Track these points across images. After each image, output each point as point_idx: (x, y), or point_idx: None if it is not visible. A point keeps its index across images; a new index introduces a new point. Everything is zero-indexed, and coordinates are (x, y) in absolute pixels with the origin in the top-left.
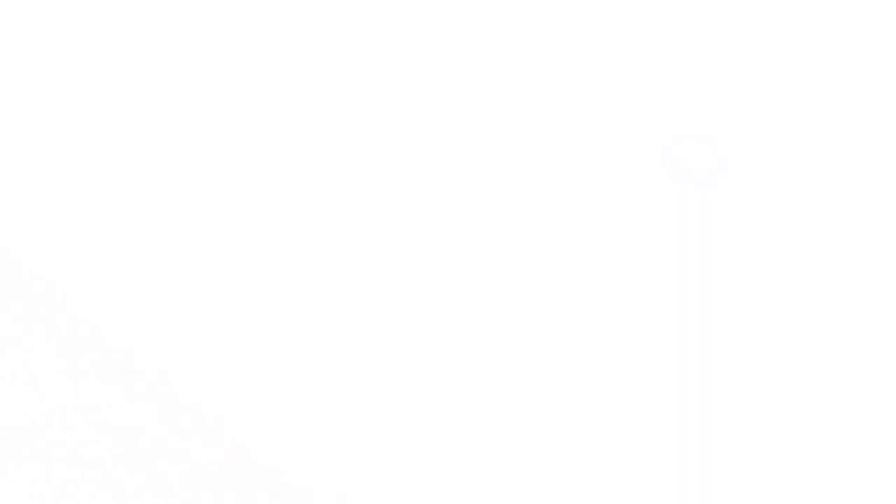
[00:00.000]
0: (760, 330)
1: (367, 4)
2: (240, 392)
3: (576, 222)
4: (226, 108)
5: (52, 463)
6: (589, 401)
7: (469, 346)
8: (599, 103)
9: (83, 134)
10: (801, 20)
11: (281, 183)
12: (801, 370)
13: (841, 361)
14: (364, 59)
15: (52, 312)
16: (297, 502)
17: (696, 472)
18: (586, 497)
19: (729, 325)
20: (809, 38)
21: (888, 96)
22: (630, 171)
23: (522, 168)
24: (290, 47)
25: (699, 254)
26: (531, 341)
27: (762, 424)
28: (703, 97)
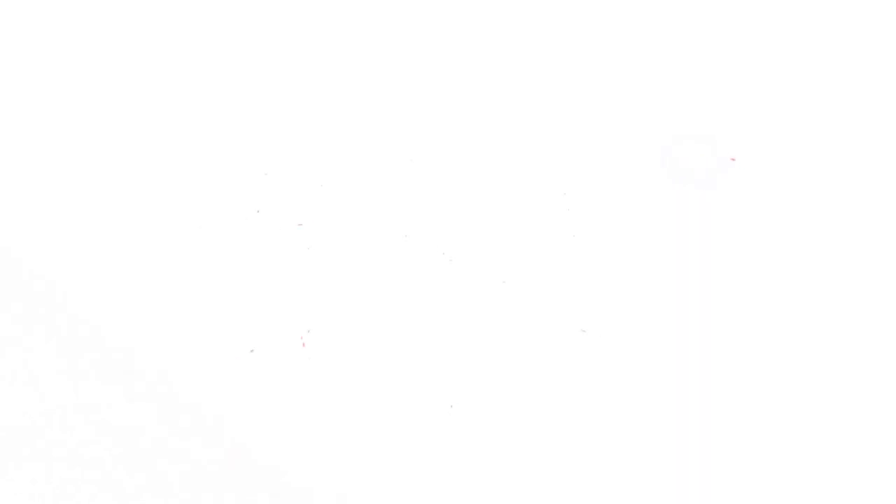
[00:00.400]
0: (761, 330)
1: (367, 4)
2: (240, 392)
3: (574, 222)
4: (225, 106)
5: (52, 463)
6: (587, 401)
7: (468, 346)
8: (599, 103)
9: (83, 134)
10: (801, 20)
11: (281, 181)
12: (802, 370)
13: (842, 362)
14: (364, 56)
15: (52, 312)
16: (297, 502)
17: (696, 473)
18: (586, 497)
19: (729, 326)
20: (809, 38)
21: (888, 96)
22: (630, 171)
23: (520, 167)
24: (290, 45)
25: (699, 254)
26: (530, 341)
27: (762, 424)
28: (703, 97)
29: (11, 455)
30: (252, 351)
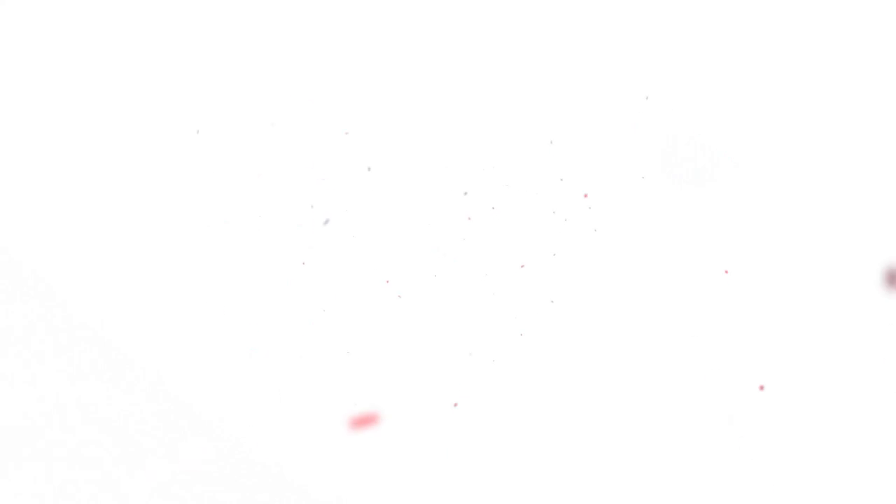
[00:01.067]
0: (760, 329)
1: (368, 3)
2: (240, 392)
3: (574, 222)
4: (223, 106)
5: (52, 463)
6: (587, 401)
7: (466, 345)
8: (598, 102)
9: (82, 135)
10: (800, 19)
11: (280, 182)
12: (801, 369)
13: (841, 361)
14: (364, 54)
15: (52, 312)
16: (297, 502)
17: (695, 473)
18: (586, 497)
19: (728, 326)
20: (808, 37)
21: (888, 96)
22: (629, 171)
23: (520, 167)
24: (289, 43)
25: (698, 254)
26: (529, 341)
27: (762, 424)
28: (702, 96)
29: (11, 455)
30: (252, 351)
